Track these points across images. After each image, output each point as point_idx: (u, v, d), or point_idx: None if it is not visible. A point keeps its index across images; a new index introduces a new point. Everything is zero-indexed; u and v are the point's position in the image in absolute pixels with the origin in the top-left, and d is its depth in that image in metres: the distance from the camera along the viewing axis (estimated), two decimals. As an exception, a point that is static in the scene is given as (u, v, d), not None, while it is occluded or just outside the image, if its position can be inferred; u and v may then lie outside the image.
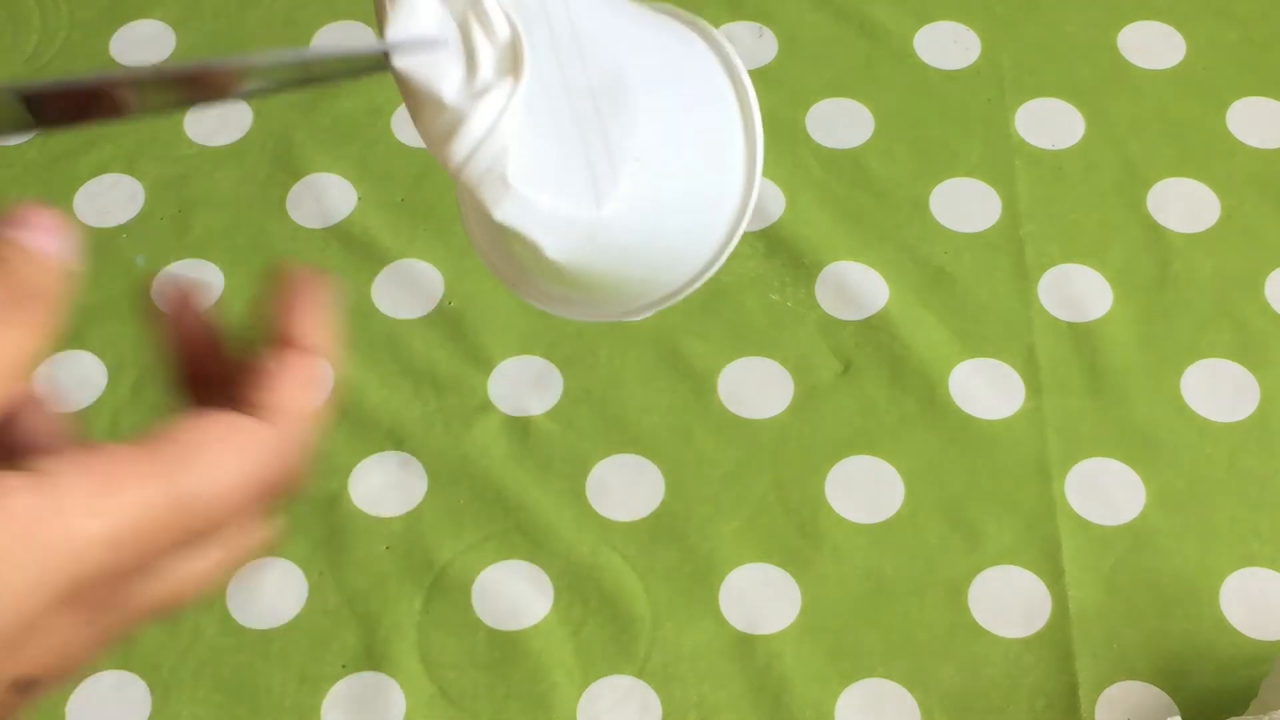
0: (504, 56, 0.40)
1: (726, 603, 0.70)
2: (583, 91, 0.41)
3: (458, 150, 0.40)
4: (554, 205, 0.41)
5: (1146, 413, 0.74)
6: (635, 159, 0.42)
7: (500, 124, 0.40)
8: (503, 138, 0.40)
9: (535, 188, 0.41)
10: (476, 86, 0.40)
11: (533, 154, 0.41)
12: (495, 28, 0.40)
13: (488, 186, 0.41)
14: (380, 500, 0.73)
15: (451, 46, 0.40)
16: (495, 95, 0.40)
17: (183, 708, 0.67)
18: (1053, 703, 0.67)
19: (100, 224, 0.82)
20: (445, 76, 0.41)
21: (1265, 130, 0.84)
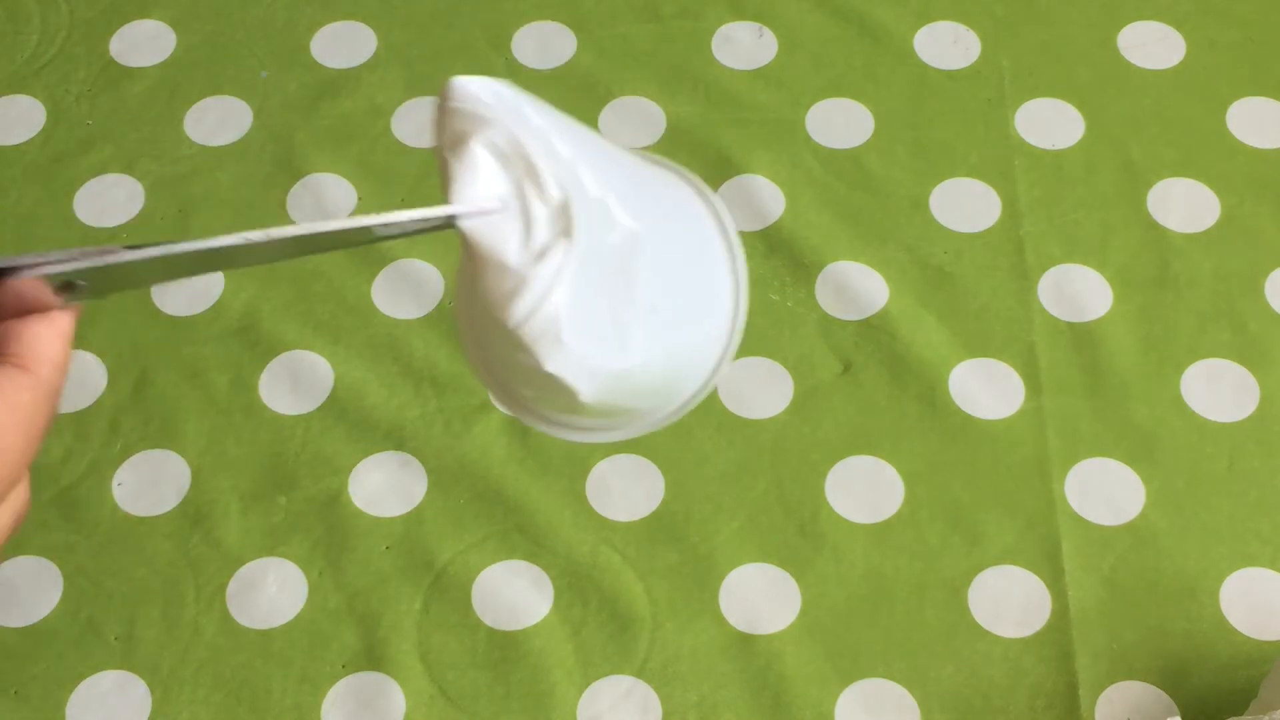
0: (557, 218, 0.44)
1: (726, 603, 0.70)
2: (609, 251, 0.45)
3: (518, 311, 0.44)
4: (593, 357, 0.46)
5: (1146, 413, 0.74)
6: (650, 310, 0.46)
7: (556, 288, 0.44)
8: (559, 299, 0.44)
9: (581, 343, 0.45)
10: (534, 247, 0.44)
11: (579, 311, 0.45)
12: (549, 190, 0.44)
13: (543, 343, 0.45)
14: (380, 500, 0.73)
15: (510, 207, 0.44)
16: (552, 258, 0.44)
17: (183, 707, 0.67)
18: (1053, 703, 0.67)
19: (100, 224, 0.82)
20: (507, 239, 0.44)
21: (1265, 130, 0.84)
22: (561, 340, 0.44)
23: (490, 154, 0.44)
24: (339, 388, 0.76)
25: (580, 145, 0.46)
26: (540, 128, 0.45)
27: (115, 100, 0.87)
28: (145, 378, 0.76)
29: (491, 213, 0.44)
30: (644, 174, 0.50)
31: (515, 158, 0.44)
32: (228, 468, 0.74)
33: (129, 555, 0.71)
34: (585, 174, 0.45)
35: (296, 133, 0.85)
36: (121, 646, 0.69)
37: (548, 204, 0.44)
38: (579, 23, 0.89)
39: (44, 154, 0.85)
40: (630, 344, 0.46)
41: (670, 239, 0.48)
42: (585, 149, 0.46)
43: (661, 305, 0.47)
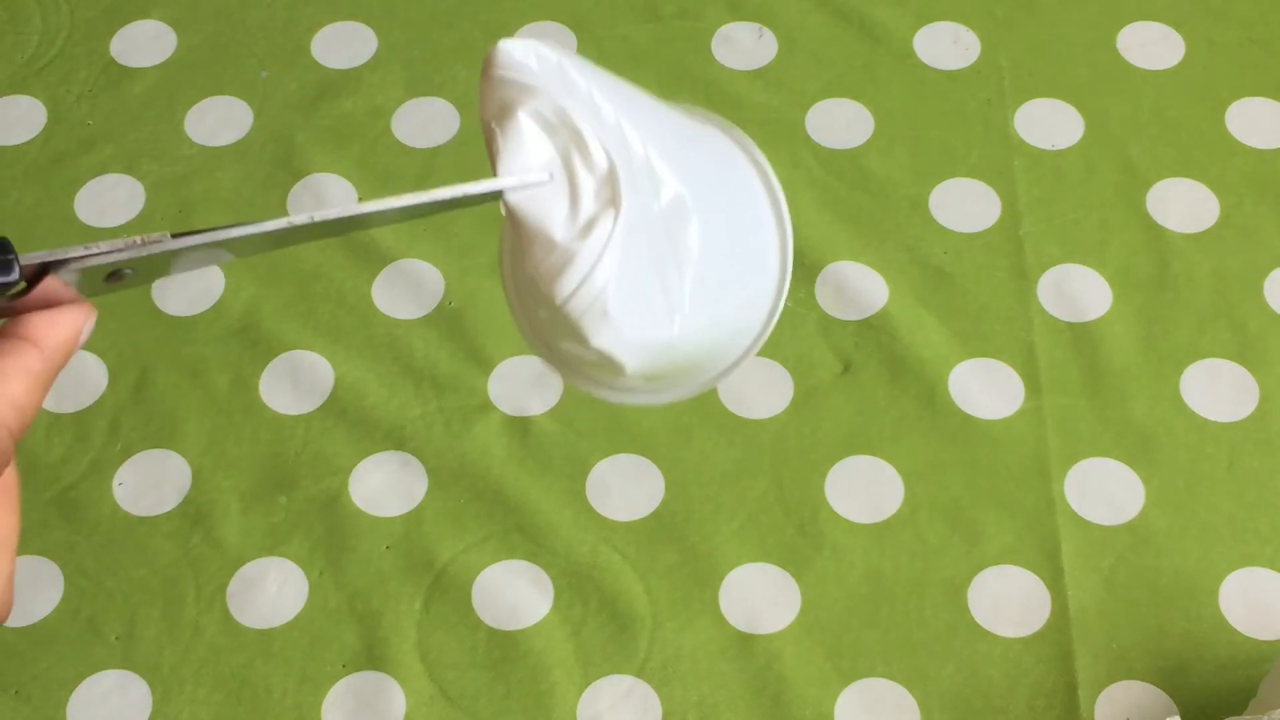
0: (603, 188, 0.43)
1: (726, 603, 0.70)
2: (656, 216, 0.44)
3: (565, 286, 0.44)
4: (641, 330, 0.45)
5: (1146, 412, 0.74)
6: (697, 277, 0.45)
7: (602, 261, 0.43)
8: (605, 273, 0.44)
9: (627, 316, 0.44)
10: (580, 221, 0.43)
11: (625, 283, 0.44)
12: (595, 159, 0.43)
13: (590, 318, 0.44)
14: (380, 500, 0.73)
15: (557, 179, 0.44)
16: (599, 231, 0.43)
17: (183, 707, 0.67)
18: (1052, 702, 0.67)
19: (100, 224, 0.82)
20: (553, 212, 0.44)
21: (1264, 130, 0.84)
22: (608, 315, 0.44)
23: (536, 124, 0.43)
24: (339, 388, 0.76)
25: (624, 104, 0.45)
26: (585, 89, 0.44)
27: (116, 100, 0.87)
28: (146, 378, 0.76)
29: (539, 184, 0.43)
30: (688, 131, 0.48)
31: (561, 126, 0.44)
32: (228, 468, 0.74)
33: (129, 555, 0.71)
34: (631, 135, 0.44)
35: (296, 133, 0.85)
36: (122, 646, 0.69)
37: (594, 172, 0.43)
38: (579, 23, 0.89)
39: (44, 154, 0.85)
40: (677, 312, 0.45)
41: (716, 199, 0.47)
42: (630, 108, 0.45)
43: (708, 270, 0.46)
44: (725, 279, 0.47)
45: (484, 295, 0.79)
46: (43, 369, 0.39)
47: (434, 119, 0.85)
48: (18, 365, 0.38)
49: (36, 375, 0.39)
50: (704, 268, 0.46)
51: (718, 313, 0.47)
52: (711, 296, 0.46)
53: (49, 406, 0.75)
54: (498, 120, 0.44)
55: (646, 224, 0.44)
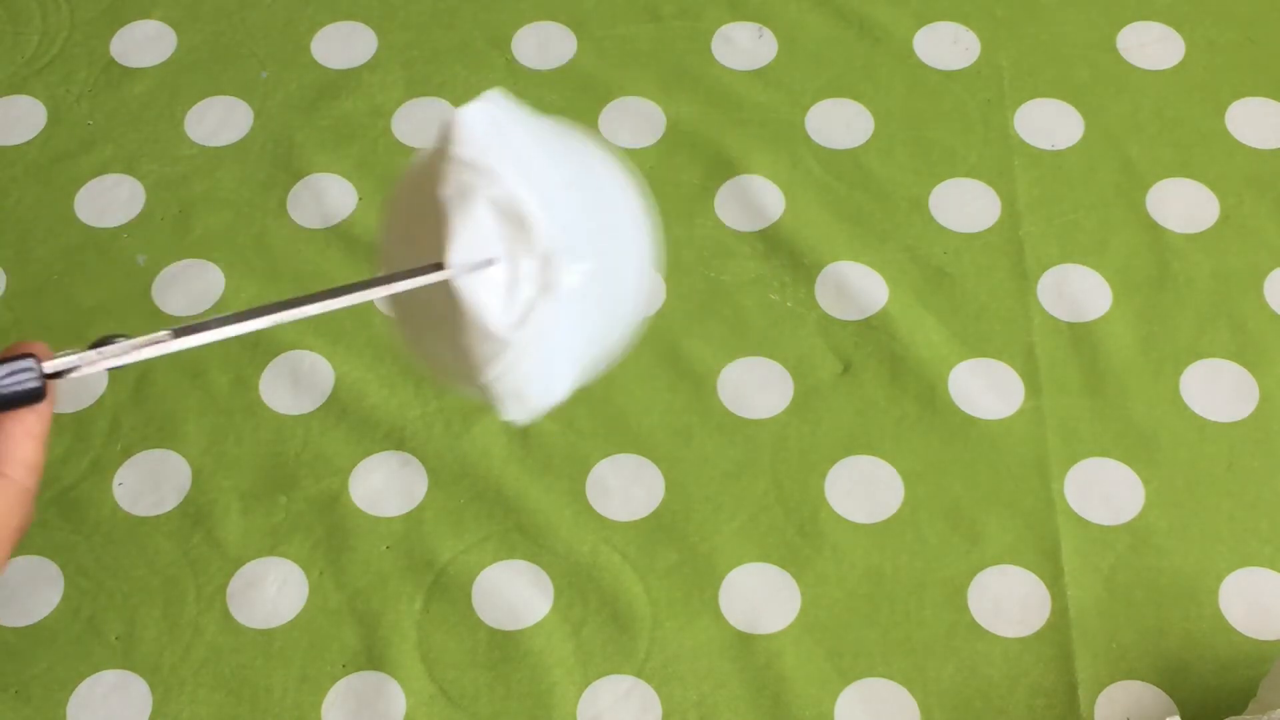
0: (541, 273, 0.46)
1: (726, 602, 0.70)
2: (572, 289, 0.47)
3: (492, 372, 0.47)
4: (545, 397, 0.49)
5: (1146, 412, 0.74)
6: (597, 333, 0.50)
7: (529, 351, 0.46)
8: (530, 362, 0.47)
9: (538, 392, 0.48)
10: (517, 308, 0.46)
11: (543, 364, 0.47)
12: (536, 245, 0.46)
13: (507, 401, 0.48)
14: (380, 500, 0.73)
15: (501, 265, 0.46)
16: (532, 320, 0.46)
17: (183, 707, 0.67)
18: (1052, 702, 0.67)
19: (100, 224, 0.82)
20: (492, 301, 0.46)
21: (1264, 130, 0.84)
22: (523, 396, 0.47)
23: (491, 212, 0.46)
24: (339, 388, 0.76)
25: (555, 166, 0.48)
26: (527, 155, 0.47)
27: (116, 100, 0.87)
28: (146, 378, 0.76)
29: (485, 267, 0.46)
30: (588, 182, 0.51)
31: (511, 212, 0.46)
32: (228, 468, 0.74)
33: (129, 555, 0.71)
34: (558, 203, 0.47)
35: (296, 133, 0.85)
36: (122, 646, 0.69)
37: (534, 255, 0.46)
38: (579, 23, 0.89)
39: (45, 154, 0.85)
40: (576, 369, 0.49)
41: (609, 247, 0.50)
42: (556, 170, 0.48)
43: (606, 323, 0.50)
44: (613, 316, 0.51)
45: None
46: (43, 430, 0.42)
47: (434, 119, 0.85)
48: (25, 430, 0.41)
49: (39, 436, 0.42)
50: (601, 322, 0.49)
51: (604, 345, 0.51)
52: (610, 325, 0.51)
53: (49, 406, 0.75)
54: (455, 203, 0.46)
55: (565, 299, 0.47)
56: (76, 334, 0.78)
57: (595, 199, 0.51)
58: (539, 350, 0.47)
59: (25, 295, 0.79)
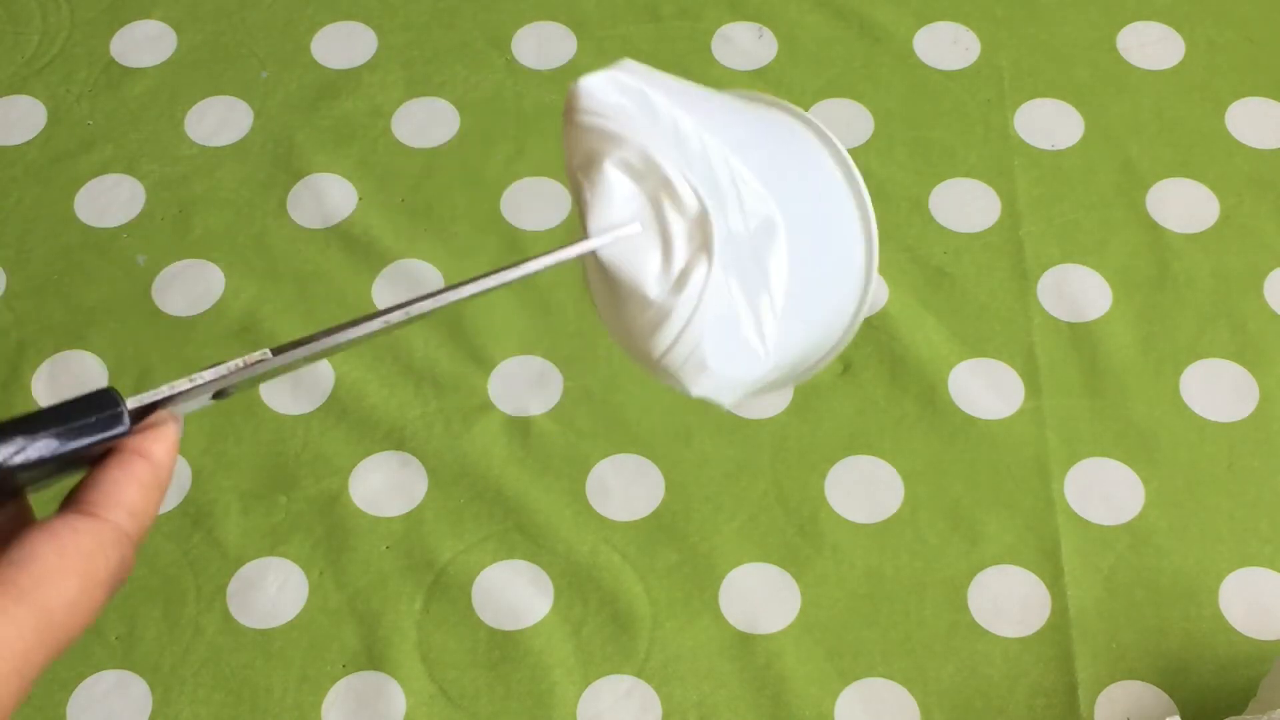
0: (695, 232, 0.43)
1: (726, 602, 0.70)
2: (744, 239, 0.44)
3: (661, 342, 0.44)
4: (738, 369, 0.44)
5: (1146, 412, 0.74)
6: (789, 294, 0.44)
7: (697, 313, 0.43)
8: (700, 325, 0.43)
9: (724, 361, 0.44)
10: (674, 272, 0.43)
11: (720, 328, 0.44)
12: (685, 201, 0.43)
13: (687, 370, 0.44)
14: (380, 500, 0.73)
15: (647, 229, 0.43)
16: (693, 282, 0.43)
17: (183, 707, 0.67)
18: (1052, 702, 0.67)
19: (100, 224, 0.82)
20: (646, 266, 0.43)
21: (1264, 130, 0.84)
22: (706, 365, 0.44)
23: (624, 174, 0.43)
24: (339, 388, 0.76)
25: (705, 120, 0.44)
26: (666, 115, 0.44)
27: (116, 100, 0.87)
28: (146, 378, 0.76)
29: (630, 236, 0.43)
30: (769, 133, 0.47)
31: (648, 172, 0.43)
32: (228, 468, 0.74)
33: (129, 555, 0.71)
34: (715, 157, 0.43)
35: (296, 133, 0.85)
36: (122, 646, 0.69)
37: (685, 215, 0.43)
38: (579, 23, 0.89)
39: (45, 154, 0.85)
40: (769, 340, 0.45)
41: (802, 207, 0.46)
42: (711, 123, 0.44)
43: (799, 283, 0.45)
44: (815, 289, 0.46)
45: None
46: (153, 478, 0.41)
47: (434, 119, 0.85)
48: (130, 475, 0.40)
49: (149, 484, 0.41)
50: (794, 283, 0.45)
51: (809, 322, 0.46)
52: (803, 310, 0.45)
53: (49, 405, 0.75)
54: (584, 172, 0.43)
55: (737, 254, 0.44)
56: (76, 334, 0.78)
57: (781, 165, 0.46)
58: (711, 316, 0.43)
59: (25, 295, 0.79)
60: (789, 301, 0.44)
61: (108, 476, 0.40)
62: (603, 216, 0.43)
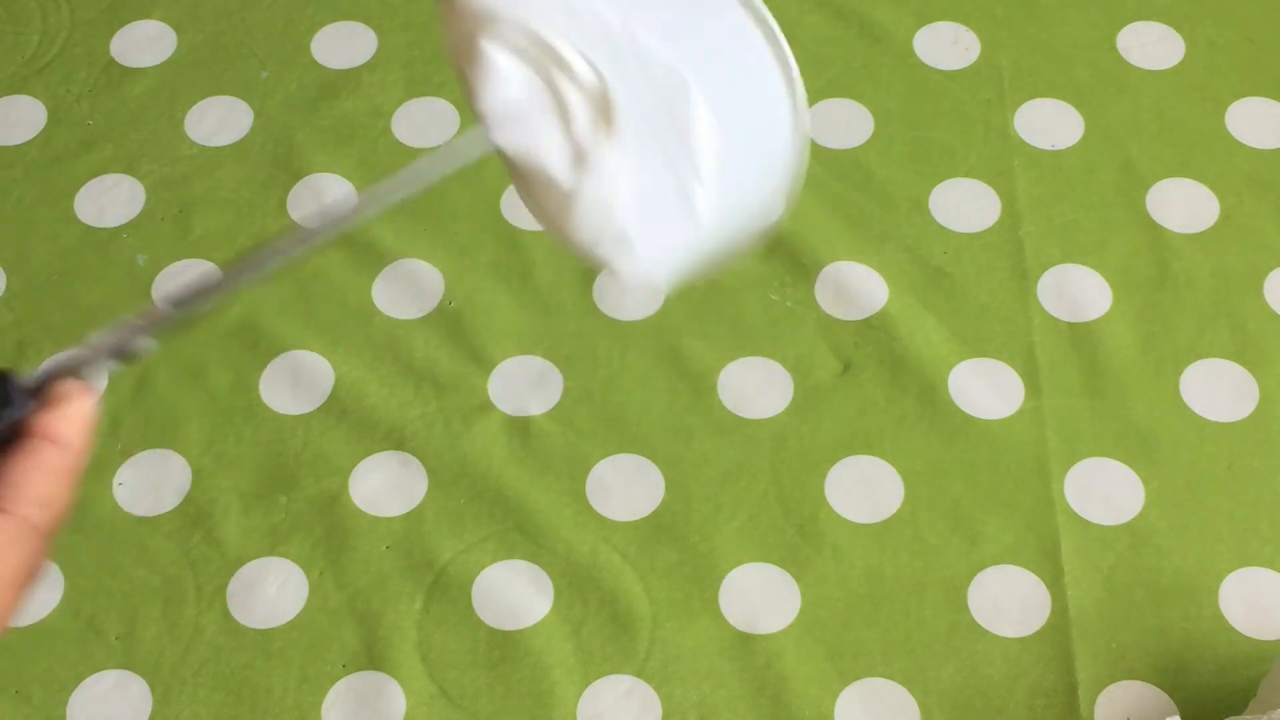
0: (594, 106, 0.40)
1: (726, 602, 0.70)
2: (656, 106, 0.41)
3: (576, 225, 0.41)
4: (665, 241, 0.42)
5: (1146, 412, 0.74)
6: (714, 153, 0.42)
7: (610, 190, 0.41)
8: (615, 201, 0.41)
9: (648, 231, 0.41)
10: (577, 149, 0.40)
11: (638, 198, 0.41)
12: (579, 74, 0.40)
13: (611, 251, 0.42)
14: (380, 500, 0.73)
15: (544, 106, 0.41)
16: (599, 159, 0.40)
17: (183, 707, 0.67)
18: (1052, 702, 0.67)
19: (100, 224, 0.82)
20: (547, 147, 0.41)
21: (1264, 130, 0.84)
22: (630, 242, 0.41)
23: (508, 52, 0.40)
24: (339, 388, 0.76)
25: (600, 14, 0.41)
26: None
27: (116, 100, 0.87)
28: (146, 378, 0.76)
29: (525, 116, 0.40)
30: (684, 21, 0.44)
31: (536, 48, 0.40)
32: (228, 468, 0.74)
33: (130, 555, 0.71)
34: (610, 18, 0.40)
35: (296, 133, 0.85)
36: (122, 646, 0.69)
37: (581, 89, 0.40)
38: (579, 23, 0.89)
39: (45, 154, 0.85)
40: (701, 204, 0.42)
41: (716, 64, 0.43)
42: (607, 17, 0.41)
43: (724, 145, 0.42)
44: (743, 144, 0.43)
45: (484, 295, 0.79)
46: (62, 462, 0.39)
47: (434, 119, 0.85)
48: (37, 463, 0.38)
49: (57, 470, 0.39)
50: (719, 142, 0.42)
51: (744, 179, 0.43)
52: (734, 167, 0.42)
53: None
54: (464, 58, 0.40)
55: (648, 120, 0.41)
56: (76, 334, 0.78)
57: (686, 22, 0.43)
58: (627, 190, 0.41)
59: (25, 295, 0.79)
60: (718, 161, 0.42)
61: (12, 466, 0.37)
62: (490, 98, 0.40)
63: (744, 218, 0.44)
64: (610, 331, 0.77)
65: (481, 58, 0.40)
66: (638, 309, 0.78)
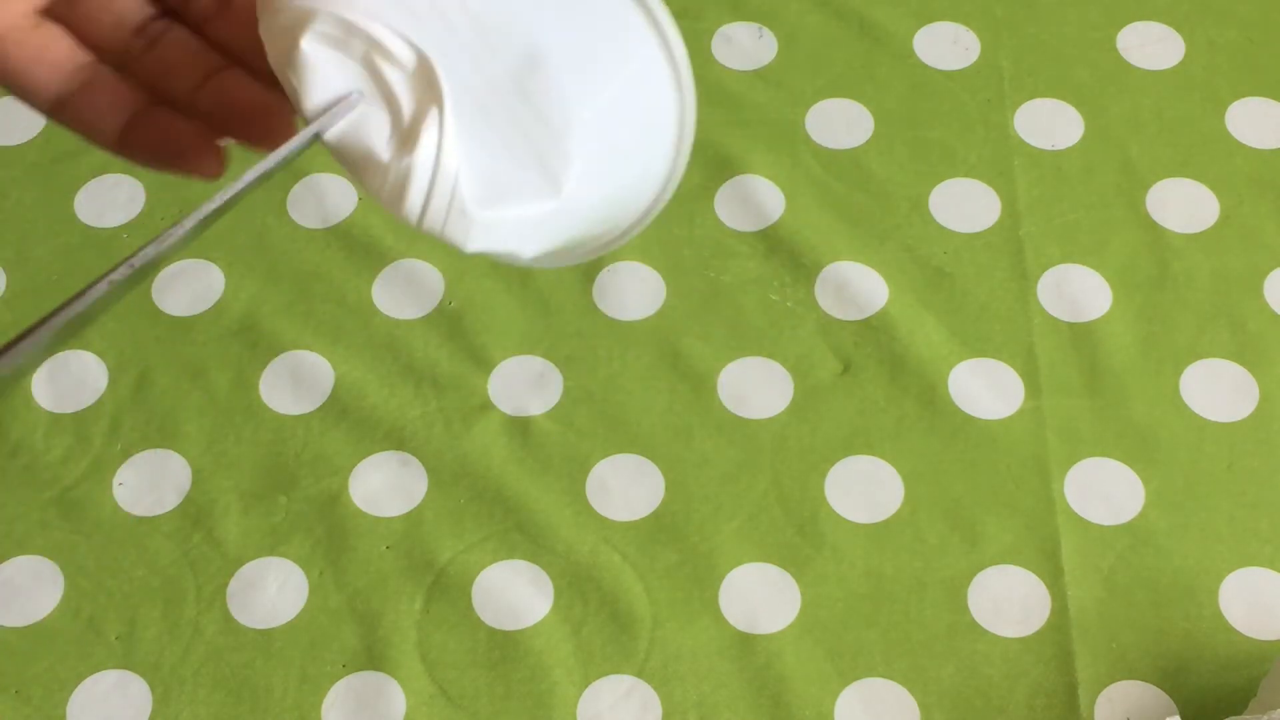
0: (418, 84, 0.40)
1: (726, 602, 0.70)
2: (504, 79, 0.40)
3: (413, 207, 0.40)
4: (519, 212, 0.41)
5: (1146, 412, 0.74)
6: (579, 123, 0.41)
7: (441, 162, 0.40)
8: (449, 174, 0.40)
9: (497, 205, 0.40)
10: (405, 128, 0.40)
11: (482, 171, 0.40)
12: (398, 55, 0.39)
13: (452, 226, 0.40)
14: (380, 500, 0.73)
15: (369, 95, 0.40)
16: (426, 134, 0.39)
17: (183, 707, 0.67)
18: (1052, 702, 0.67)
19: (100, 224, 0.82)
20: (373, 132, 0.40)
21: (1264, 130, 0.84)
22: (470, 215, 0.40)
23: (323, 46, 0.39)
24: (339, 388, 0.76)
25: None
26: None
27: (115, 100, 0.87)
28: (146, 378, 0.76)
29: (352, 107, 0.39)
30: None
31: (351, 36, 0.39)
32: (228, 468, 0.74)
33: (130, 555, 0.71)
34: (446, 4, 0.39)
35: (297, 133, 0.85)
36: (122, 646, 0.69)
37: (404, 69, 0.39)
38: (579, 23, 0.89)
39: (44, 154, 0.85)
40: (562, 173, 0.41)
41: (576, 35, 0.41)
42: None
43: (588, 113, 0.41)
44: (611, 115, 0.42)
45: (484, 295, 0.79)
46: None
47: (434, 119, 0.85)
48: None
49: None
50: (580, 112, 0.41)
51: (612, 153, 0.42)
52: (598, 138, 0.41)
53: (49, 407, 0.75)
54: (285, 62, 0.40)
55: (492, 91, 0.40)
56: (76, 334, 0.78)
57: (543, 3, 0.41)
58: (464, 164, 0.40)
59: (25, 295, 0.79)
60: (582, 130, 0.41)
61: None
62: (313, 99, 0.39)
63: (623, 187, 0.43)
64: (610, 331, 0.77)
65: (299, 57, 0.39)
66: (638, 309, 0.78)
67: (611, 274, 0.79)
